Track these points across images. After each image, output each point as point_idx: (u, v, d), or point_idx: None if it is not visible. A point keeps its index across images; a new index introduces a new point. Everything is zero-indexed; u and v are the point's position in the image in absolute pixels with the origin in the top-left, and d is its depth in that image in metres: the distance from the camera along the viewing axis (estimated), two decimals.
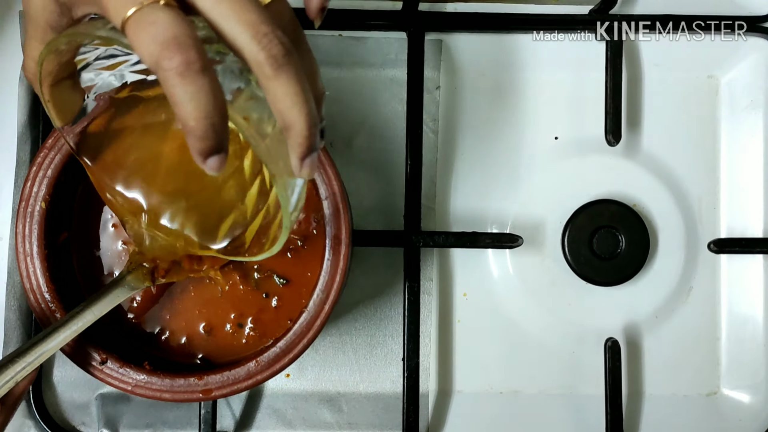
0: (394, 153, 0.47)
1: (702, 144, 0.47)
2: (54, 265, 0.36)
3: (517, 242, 0.44)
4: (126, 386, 0.36)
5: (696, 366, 0.47)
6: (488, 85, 0.47)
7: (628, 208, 0.46)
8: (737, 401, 0.47)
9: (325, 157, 0.36)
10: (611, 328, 0.46)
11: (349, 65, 0.47)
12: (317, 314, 0.36)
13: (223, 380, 0.36)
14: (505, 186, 0.47)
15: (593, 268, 0.45)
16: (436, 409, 0.46)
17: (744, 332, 0.47)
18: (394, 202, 0.46)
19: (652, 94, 0.47)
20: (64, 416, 0.45)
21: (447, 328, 0.47)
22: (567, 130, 0.47)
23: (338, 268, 0.36)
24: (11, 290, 0.44)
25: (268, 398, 0.46)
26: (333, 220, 0.36)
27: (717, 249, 0.45)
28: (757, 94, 0.47)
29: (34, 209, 0.36)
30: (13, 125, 0.45)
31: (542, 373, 0.47)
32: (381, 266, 0.46)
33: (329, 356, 0.46)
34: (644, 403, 0.47)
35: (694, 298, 0.47)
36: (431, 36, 0.47)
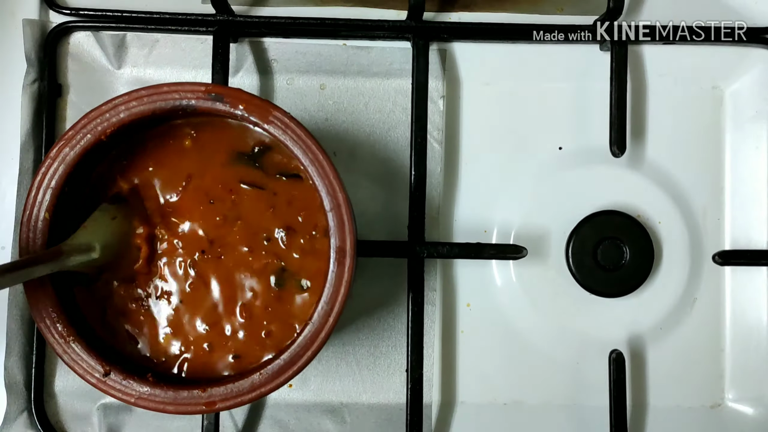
0: (397, 163, 0.47)
1: (706, 155, 0.47)
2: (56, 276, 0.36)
3: (521, 253, 0.44)
4: (129, 398, 0.35)
5: (700, 378, 0.47)
6: (492, 94, 0.47)
7: (633, 219, 0.46)
8: (741, 413, 0.47)
9: (329, 167, 0.36)
10: (615, 339, 0.46)
11: (354, 75, 0.47)
12: (321, 326, 0.35)
13: (227, 392, 0.35)
14: (509, 196, 0.47)
15: (597, 279, 0.45)
16: (440, 420, 0.46)
17: (748, 344, 0.47)
18: (397, 212, 0.46)
19: (657, 104, 0.47)
20: (66, 427, 0.45)
21: (450, 338, 0.47)
22: (571, 140, 0.47)
23: (343, 280, 0.36)
24: (13, 299, 0.44)
25: (271, 409, 0.46)
26: (337, 231, 0.36)
27: (722, 261, 0.45)
28: (761, 105, 0.47)
29: (37, 219, 0.36)
30: (17, 133, 0.45)
31: (546, 385, 0.46)
32: (385, 276, 0.46)
33: (332, 367, 0.46)
34: (648, 415, 0.46)
35: (698, 309, 0.47)
36: (435, 45, 0.47)
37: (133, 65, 0.46)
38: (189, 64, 0.47)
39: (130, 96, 0.36)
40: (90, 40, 0.46)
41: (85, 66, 0.46)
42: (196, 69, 0.47)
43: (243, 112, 0.36)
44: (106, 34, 0.46)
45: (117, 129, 0.36)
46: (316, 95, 0.47)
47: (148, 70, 0.47)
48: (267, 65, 0.47)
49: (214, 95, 0.36)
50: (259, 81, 0.47)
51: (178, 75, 0.47)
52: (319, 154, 0.36)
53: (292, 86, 0.47)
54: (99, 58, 0.46)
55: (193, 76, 0.47)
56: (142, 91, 0.36)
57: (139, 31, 0.46)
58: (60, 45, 0.46)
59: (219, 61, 0.44)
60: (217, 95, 0.36)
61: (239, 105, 0.36)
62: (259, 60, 0.47)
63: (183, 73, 0.47)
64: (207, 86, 0.36)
